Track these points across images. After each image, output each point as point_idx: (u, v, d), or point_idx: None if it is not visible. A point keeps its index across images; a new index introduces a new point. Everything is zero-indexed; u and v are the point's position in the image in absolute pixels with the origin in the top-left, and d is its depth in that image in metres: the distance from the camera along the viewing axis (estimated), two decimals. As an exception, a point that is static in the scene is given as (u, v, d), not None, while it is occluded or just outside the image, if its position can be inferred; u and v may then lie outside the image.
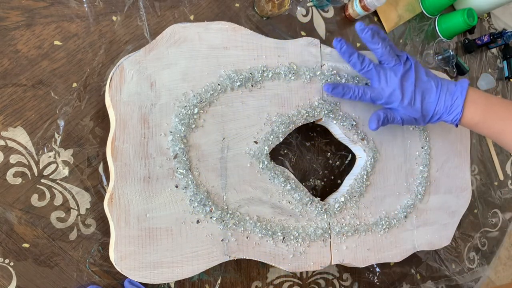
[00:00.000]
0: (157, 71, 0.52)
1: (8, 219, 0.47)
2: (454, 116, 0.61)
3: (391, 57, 0.61)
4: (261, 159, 0.57)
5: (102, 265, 0.51)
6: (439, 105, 0.61)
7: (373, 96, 0.62)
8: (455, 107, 0.61)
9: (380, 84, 0.61)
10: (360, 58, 0.61)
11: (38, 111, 0.49)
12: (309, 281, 0.65)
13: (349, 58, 0.61)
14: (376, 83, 0.62)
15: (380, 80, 0.61)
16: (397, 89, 0.60)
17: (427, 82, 0.61)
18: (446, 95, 0.61)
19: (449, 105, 0.61)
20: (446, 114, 0.62)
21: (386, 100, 0.62)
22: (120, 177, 0.49)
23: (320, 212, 0.61)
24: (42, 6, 0.51)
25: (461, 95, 0.60)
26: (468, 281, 0.84)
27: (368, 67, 0.61)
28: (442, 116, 0.62)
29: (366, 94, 0.61)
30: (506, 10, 1.03)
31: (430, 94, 0.61)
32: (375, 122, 0.62)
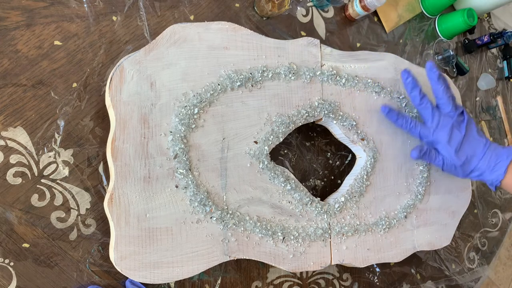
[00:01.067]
0: (157, 71, 0.52)
1: (8, 219, 0.47)
2: (496, 177, 0.62)
3: (449, 104, 0.63)
4: (261, 159, 0.57)
5: (102, 265, 0.51)
6: (482, 161, 0.63)
7: (422, 132, 0.65)
8: (498, 168, 0.62)
9: (432, 123, 0.64)
10: (421, 94, 0.64)
11: (38, 111, 0.49)
12: (309, 281, 0.65)
13: (411, 90, 0.64)
14: (428, 122, 0.64)
15: (433, 120, 0.64)
16: (447, 133, 0.63)
17: (477, 138, 0.63)
18: (492, 155, 0.63)
19: (493, 165, 0.62)
20: (488, 173, 0.63)
21: (433, 139, 0.64)
22: (120, 177, 0.49)
23: (320, 212, 0.61)
24: (42, 6, 0.51)
25: (506, 159, 0.61)
26: (468, 281, 0.84)
27: (426, 105, 0.64)
28: (484, 174, 0.64)
29: (417, 128, 0.65)
30: (506, 10, 1.03)
31: (476, 149, 0.63)
32: (417, 151, 0.65)
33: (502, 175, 0.61)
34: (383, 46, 0.79)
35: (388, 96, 0.70)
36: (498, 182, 0.62)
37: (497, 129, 0.97)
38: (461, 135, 0.63)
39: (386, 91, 0.69)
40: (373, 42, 0.78)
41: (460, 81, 0.91)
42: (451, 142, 0.63)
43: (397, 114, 0.65)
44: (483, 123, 0.94)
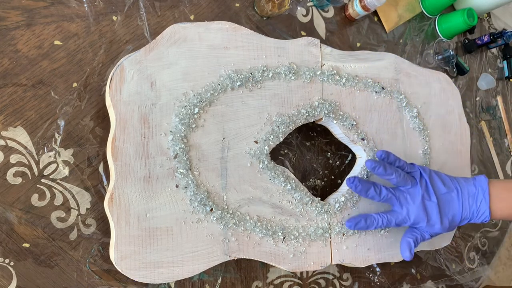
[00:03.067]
0: (157, 71, 0.52)
1: (8, 219, 0.47)
2: (483, 219, 0.61)
3: (407, 181, 0.61)
4: (261, 159, 0.57)
5: (102, 265, 0.51)
6: (464, 213, 0.61)
7: (398, 221, 0.61)
8: (482, 211, 0.60)
9: (402, 208, 0.61)
10: (377, 190, 0.60)
11: (38, 111, 0.49)
12: (309, 281, 0.65)
13: (366, 194, 0.60)
14: (398, 208, 0.61)
15: (402, 205, 0.61)
16: (421, 211, 0.60)
17: (447, 194, 0.61)
18: (469, 201, 0.61)
19: (475, 210, 0.61)
20: (474, 219, 0.62)
21: (412, 222, 0.61)
22: (120, 177, 0.49)
23: (321, 212, 0.61)
24: (42, 6, 0.51)
25: (484, 198, 0.60)
26: (468, 281, 0.84)
27: (387, 196, 0.61)
28: (471, 220, 0.62)
29: (391, 222, 0.61)
30: (506, 10, 1.03)
31: (453, 206, 0.61)
32: (407, 251, 0.61)
33: (488, 216, 0.60)
34: (383, 46, 0.79)
35: (388, 96, 0.70)
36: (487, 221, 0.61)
37: (497, 129, 0.97)
38: (435, 205, 0.60)
39: (386, 91, 0.69)
40: (373, 42, 0.78)
41: (460, 81, 0.91)
42: (430, 218, 0.60)
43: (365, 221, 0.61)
44: (483, 123, 0.94)
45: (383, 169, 0.59)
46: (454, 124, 0.79)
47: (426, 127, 0.74)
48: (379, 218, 0.61)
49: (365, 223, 0.61)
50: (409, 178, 0.61)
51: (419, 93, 0.74)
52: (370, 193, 0.60)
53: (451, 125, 0.78)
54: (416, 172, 0.62)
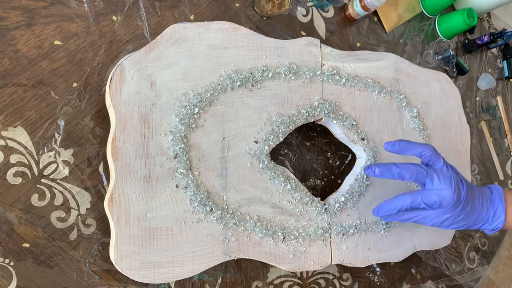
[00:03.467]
0: (157, 71, 0.52)
1: (8, 219, 0.47)
2: (497, 225, 0.59)
3: (438, 156, 0.56)
4: (261, 159, 0.57)
5: (102, 265, 0.51)
6: (481, 212, 0.58)
7: (428, 200, 0.55)
8: (498, 216, 0.58)
9: (433, 185, 0.55)
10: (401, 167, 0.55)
11: (38, 111, 0.49)
12: (309, 281, 0.65)
13: (391, 174, 0.55)
14: (429, 184, 0.55)
15: (433, 182, 0.55)
16: (455, 190, 0.55)
17: (472, 188, 0.58)
18: (488, 203, 0.58)
19: (492, 213, 0.58)
20: (488, 223, 0.59)
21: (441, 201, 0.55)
22: (120, 177, 0.49)
23: (321, 212, 0.61)
24: (42, 6, 0.51)
25: (501, 203, 0.58)
26: (468, 281, 0.84)
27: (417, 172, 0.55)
28: (484, 225, 0.59)
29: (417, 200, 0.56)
30: (506, 10, 1.03)
31: (474, 200, 0.57)
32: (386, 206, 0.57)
33: (502, 222, 0.58)
34: (383, 46, 0.79)
35: (388, 96, 0.70)
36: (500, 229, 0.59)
37: (497, 129, 0.97)
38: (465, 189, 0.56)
39: (386, 90, 0.69)
40: (373, 42, 0.78)
41: (460, 81, 0.91)
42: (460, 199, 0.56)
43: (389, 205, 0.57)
44: (483, 123, 0.94)
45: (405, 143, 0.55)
46: (454, 124, 0.79)
47: (426, 127, 0.74)
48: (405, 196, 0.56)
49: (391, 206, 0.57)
50: (441, 156, 0.56)
51: (419, 93, 0.74)
52: (394, 171, 0.54)
53: (451, 125, 0.78)
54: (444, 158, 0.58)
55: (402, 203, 0.57)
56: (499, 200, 0.58)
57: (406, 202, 0.56)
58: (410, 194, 0.56)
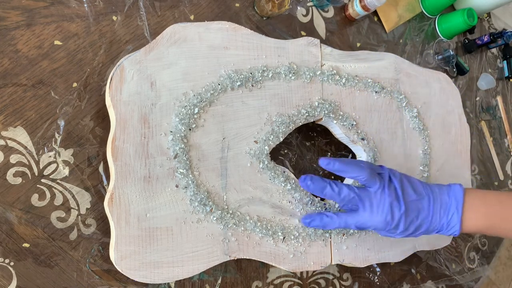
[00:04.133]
0: (157, 71, 0.52)
1: (8, 219, 0.47)
2: (452, 232, 0.56)
3: (374, 179, 0.54)
4: (261, 159, 0.57)
5: (102, 265, 0.51)
6: (433, 224, 0.55)
7: (359, 225, 0.55)
8: (452, 225, 0.55)
9: (365, 212, 0.54)
10: (335, 189, 0.53)
11: (38, 111, 0.49)
12: (309, 281, 0.65)
13: (322, 193, 0.54)
14: (361, 211, 0.54)
15: (365, 207, 0.54)
16: (388, 215, 0.53)
17: (417, 201, 0.55)
18: (440, 212, 0.55)
19: (445, 222, 0.55)
20: (443, 231, 0.56)
21: (375, 227, 0.55)
22: (120, 177, 0.49)
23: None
24: (42, 6, 0.51)
25: (457, 211, 0.54)
26: (468, 281, 0.84)
27: (349, 197, 0.53)
28: (439, 232, 0.57)
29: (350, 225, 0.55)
30: (506, 10, 1.03)
31: (421, 214, 0.55)
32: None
33: (458, 231, 0.55)
34: (383, 46, 0.79)
35: (388, 96, 0.70)
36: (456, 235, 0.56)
37: (497, 129, 0.97)
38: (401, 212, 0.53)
39: (386, 90, 0.69)
40: (373, 42, 0.78)
41: (460, 81, 0.91)
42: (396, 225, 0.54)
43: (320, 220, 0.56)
44: (483, 123, 0.94)
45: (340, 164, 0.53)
46: (454, 124, 0.79)
47: (426, 127, 0.74)
48: (337, 219, 0.55)
49: (320, 222, 0.56)
50: (378, 178, 0.54)
51: (419, 93, 0.74)
52: (326, 192, 0.53)
53: (451, 125, 0.78)
54: (385, 174, 0.55)
55: (335, 226, 0.56)
56: (455, 208, 0.55)
57: (340, 227, 0.56)
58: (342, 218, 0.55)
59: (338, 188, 0.54)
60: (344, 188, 0.54)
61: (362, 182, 0.54)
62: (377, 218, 0.54)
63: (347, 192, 0.54)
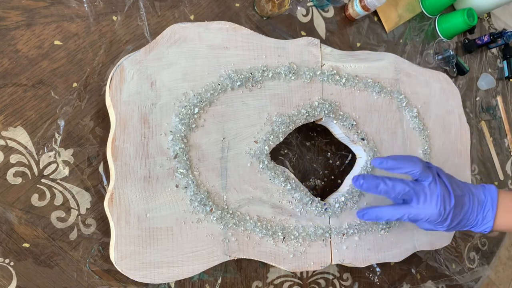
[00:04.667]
0: (157, 71, 0.52)
1: (8, 219, 0.47)
2: (484, 229, 0.59)
3: (427, 173, 0.56)
4: (261, 159, 0.57)
5: (102, 265, 0.51)
6: (470, 219, 0.59)
7: (412, 216, 0.57)
8: (486, 221, 0.58)
9: (419, 203, 0.56)
10: (389, 185, 0.55)
11: (38, 111, 0.49)
12: (309, 281, 0.65)
13: (377, 190, 0.55)
14: (415, 203, 0.57)
15: (419, 200, 0.56)
16: (441, 208, 0.56)
17: (461, 197, 0.58)
18: (478, 208, 0.58)
19: (481, 218, 0.59)
20: (476, 227, 0.60)
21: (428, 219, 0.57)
22: (120, 177, 0.49)
23: (321, 211, 0.61)
24: (42, 6, 0.51)
25: (492, 208, 0.58)
26: (468, 281, 0.84)
27: (404, 190, 0.55)
28: (472, 228, 0.60)
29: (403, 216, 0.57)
30: (506, 10, 1.03)
31: (464, 210, 0.58)
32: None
33: (490, 228, 0.59)
34: (383, 46, 0.79)
35: (388, 96, 0.70)
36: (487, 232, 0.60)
37: (497, 129, 0.97)
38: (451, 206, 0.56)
39: (386, 90, 0.69)
40: (373, 42, 0.78)
41: (460, 81, 0.91)
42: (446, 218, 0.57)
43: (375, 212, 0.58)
44: (483, 123, 0.94)
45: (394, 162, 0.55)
46: (454, 124, 0.79)
47: (426, 127, 0.74)
48: (391, 210, 0.57)
49: (374, 214, 0.58)
50: (429, 171, 0.57)
51: (419, 93, 0.74)
52: (381, 189, 0.55)
53: (451, 125, 0.78)
54: (433, 168, 0.58)
55: (388, 217, 0.58)
56: (490, 206, 0.58)
57: (393, 218, 0.58)
58: (397, 210, 0.57)
59: (392, 183, 0.55)
60: (398, 182, 0.55)
61: (416, 176, 0.56)
62: (430, 210, 0.56)
63: (402, 186, 0.55)
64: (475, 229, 0.60)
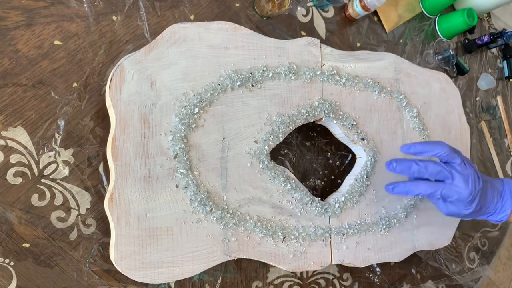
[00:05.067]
0: (157, 71, 0.52)
1: (8, 219, 0.47)
2: (502, 217, 0.62)
3: (455, 154, 0.58)
4: (261, 159, 0.57)
5: (102, 265, 0.51)
6: (491, 206, 0.61)
7: (445, 192, 0.58)
8: (504, 209, 0.61)
9: (453, 181, 0.57)
10: (421, 165, 0.56)
11: (38, 111, 0.49)
12: (309, 281, 0.65)
13: (410, 171, 0.57)
14: (449, 180, 0.58)
15: (453, 178, 0.57)
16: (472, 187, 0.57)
17: (485, 183, 0.60)
18: (497, 197, 0.61)
19: (500, 206, 0.61)
20: (494, 215, 0.62)
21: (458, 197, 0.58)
22: (120, 177, 0.49)
23: (321, 211, 0.61)
24: (42, 6, 0.51)
25: (510, 198, 0.61)
26: (468, 281, 0.84)
27: (436, 169, 0.57)
28: (490, 217, 0.62)
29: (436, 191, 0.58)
30: (506, 10, 1.03)
31: (486, 196, 0.60)
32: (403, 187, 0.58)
33: (507, 216, 0.61)
34: (383, 46, 0.79)
35: (388, 96, 0.70)
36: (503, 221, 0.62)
37: (497, 129, 0.97)
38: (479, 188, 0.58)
39: (386, 90, 0.69)
40: (373, 42, 0.78)
41: (460, 81, 0.91)
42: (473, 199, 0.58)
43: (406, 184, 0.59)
44: (483, 123, 0.94)
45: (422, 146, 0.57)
46: (454, 124, 0.79)
47: (426, 127, 0.74)
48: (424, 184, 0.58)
49: (405, 187, 0.58)
50: (457, 153, 0.58)
51: (419, 93, 0.74)
52: (414, 170, 0.56)
53: (451, 125, 0.78)
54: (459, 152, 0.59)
55: (420, 192, 0.58)
56: (509, 196, 0.61)
57: (425, 192, 0.58)
58: (431, 186, 0.58)
59: (424, 164, 0.57)
60: (430, 162, 0.57)
61: (444, 157, 0.58)
62: (461, 188, 0.57)
63: (434, 165, 0.57)
64: (493, 217, 0.62)
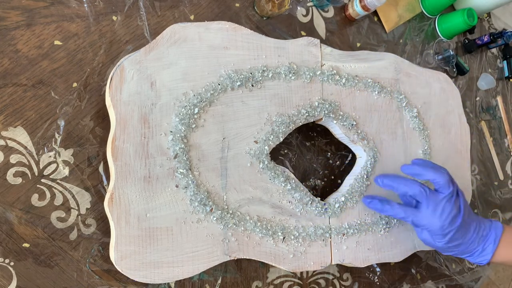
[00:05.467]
0: (157, 71, 0.52)
1: (8, 219, 0.47)
2: (481, 261, 0.61)
3: (448, 187, 0.58)
4: (261, 159, 0.57)
5: (102, 265, 0.51)
6: (469, 247, 0.60)
7: (416, 221, 0.59)
8: (485, 253, 0.60)
9: (427, 210, 0.58)
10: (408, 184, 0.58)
11: (38, 111, 0.49)
12: (309, 281, 0.65)
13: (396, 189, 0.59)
14: (424, 208, 0.58)
15: (428, 206, 0.58)
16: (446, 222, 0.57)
17: (468, 223, 0.59)
18: (480, 240, 0.60)
19: (480, 250, 0.60)
20: (473, 257, 0.61)
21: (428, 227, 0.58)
22: (120, 177, 0.49)
23: (321, 211, 0.61)
24: (42, 6, 0.51)
25: (493, 243, 0.60)
26: (468, 281, 0.84)
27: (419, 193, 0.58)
28: (468, 257, 0.62)
29: (408, 217, 0.59)
30: (506, 10, 1.03)
31: (466, 236, 0.59)
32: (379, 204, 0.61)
33: (487, 260, 0.60)
34: (383, 46, 0.79)
35: (388, 96, 0.70)
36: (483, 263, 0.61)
37: (497, 129, 0.97)
38: (456, 225, 0.58)
39: (386, 90, 0.69)
40: (373, 42, 0.78)
41: (460, 81, 0.91)
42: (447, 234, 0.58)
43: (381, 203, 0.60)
44: (483, 123, 0.94)
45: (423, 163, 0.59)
46: (454, 124, 0.79)
47: (426, 127, 0.74)
48: (398, 208, 0.59)
49: (380, 205, 0.60)
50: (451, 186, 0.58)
51: (419, 93, 0.74)
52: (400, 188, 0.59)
53: (451, 125, 0.78)
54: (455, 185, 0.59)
55: (392, 213, 0.60)
56: (493, 240, 0.60)
57: (397, 216, 0.60)
58: (404, 209, 0.60)
59: (410, 183, 0.59)
60: (416, 183, 0.59)
61: (438, 185, 0.58)
62: (435, 220, 0.57)
63: (418, 189, 0.58)
64: (472, 259, 0.62)
